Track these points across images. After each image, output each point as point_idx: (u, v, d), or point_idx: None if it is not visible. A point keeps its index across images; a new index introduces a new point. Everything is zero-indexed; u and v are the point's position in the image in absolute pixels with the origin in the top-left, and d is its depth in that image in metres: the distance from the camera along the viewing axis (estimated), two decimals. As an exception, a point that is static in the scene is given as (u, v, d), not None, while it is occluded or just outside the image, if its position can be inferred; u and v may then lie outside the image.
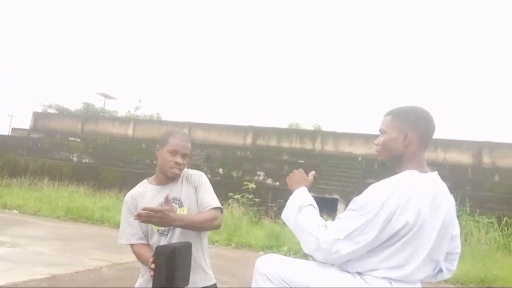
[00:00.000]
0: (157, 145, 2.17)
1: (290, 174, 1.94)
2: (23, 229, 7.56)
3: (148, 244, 2.15)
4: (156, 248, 1.96)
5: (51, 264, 5.07)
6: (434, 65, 60.35)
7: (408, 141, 1.70)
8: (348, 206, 1.66)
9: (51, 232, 7.59)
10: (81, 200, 11.00)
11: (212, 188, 2.22)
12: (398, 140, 1.72)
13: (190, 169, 2.27)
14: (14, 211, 9.82)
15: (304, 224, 1.69)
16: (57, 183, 13.42)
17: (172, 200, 2.11)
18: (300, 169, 1.95)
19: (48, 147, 17.57)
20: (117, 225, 8.87)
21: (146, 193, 2.16)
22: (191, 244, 2.01)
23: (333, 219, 1.70)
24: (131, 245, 2.16)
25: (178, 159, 2.10)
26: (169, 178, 2.16)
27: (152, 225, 2.09)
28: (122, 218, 2.21)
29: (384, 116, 1.81)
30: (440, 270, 1.75)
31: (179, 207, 2.13)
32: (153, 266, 1.89)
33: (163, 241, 2.09)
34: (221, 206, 2.15)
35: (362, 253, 1.59)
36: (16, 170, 14.85)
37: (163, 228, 2.10)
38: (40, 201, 10.63)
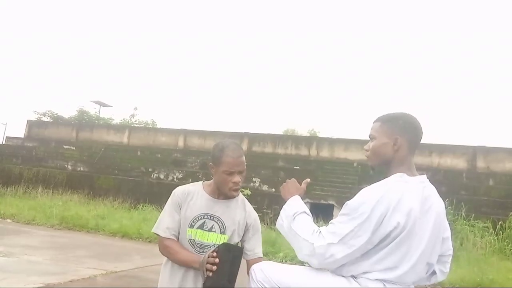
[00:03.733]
0: (210, 163, 2.10)
1: (283, 183, 1.97)
2: (17, 238, 7.50)
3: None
4: (222, 244, 1.91)
5: (45, 273, 5.03)
6: (428, 71, 60.79)
7: (397, 146, 1.75)
8: (340, 211, 1.69)
9: (45, 241, 7.52)
10: (75, 208, 10.93)
11: None
12: (388, 145, 1.77)
13: (246, 200, 2.22)
14: (8, 220, 9.73)
15: (298, 230, 1.72)
16: (51, 191, 13.35)
17: (215, 219, 2.05)
18: (293, 179, 1.99)
19: (42, 155, 17.48)
20: (112, 233, 8.87)
21: (196, 197, 2.09)
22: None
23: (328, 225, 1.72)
24: (164, 238, 2.06)
25: (236, 179, 2.03)
26: (224, 194, 2.10)
27: (188, 231, 2.04)
28: (166, 208, 2.12)
29: (373, 122, 1.86)
30: (434, 273, 1.77)
31: (219, 233, 2.04)
32: (217, 260, 1.82)
33: (191, 250, 2.03)
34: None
35: (356, 256, 1.62)
36: (10, 179, 14.75)
37: (197, 243, 2.03)
38: (34, 209, 10.55)
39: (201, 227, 2.04)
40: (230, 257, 1.84)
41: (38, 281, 4.62)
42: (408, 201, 1.62)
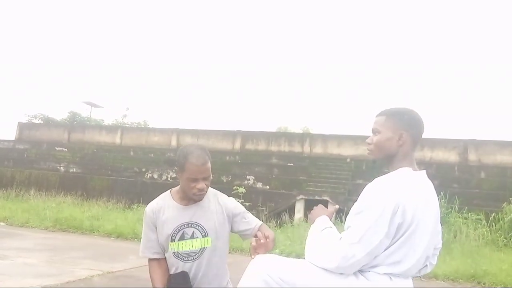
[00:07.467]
0: (175, 167, 2.14)
1: (311, 210, 2.01)
2: (11, 241, 7.44)
3: (165, 258, 2.12)
4: (171, 275, 2.00)
5: (41, 275, 5.00)
6: (418, 65, 61.22)
7: (402, 141, 1.77)
8: (352, 211, 1.69)
9: (40, 243, 7.48)
10: (69, 210, 10.86)
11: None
12: (392, 140, 1.78)
13: (219, 192, 2.22)
14: (1, 223, 9.65)
15: (322, 241, 1.72)
16: (44, 193, 13.25)
17: (193, 225, 2.07)
18: (320, 205, 2.03)
19: (34, 157, 17.35)
20: (107, 234, 8.84)
21: (167, 209, 2.10)
22: (187, 273, 2.04)
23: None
24: (149, 259, 2.13)
25: (200, 185, 2.01)
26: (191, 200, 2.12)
27: (170, 245, 2.07)
28: (143, 230, 2.17)
29: (377, 116, 1.86)
30: (425, 265, 1.79)
31: (201, 237, 2.05)
32: None
33: (181, 265, 2.08)
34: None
35: (376, 255, 1.61)
36: (2, 182, 14.64)
37: (182, 254, 2.07)
38: (28, 212, 10.47)
39: (182, 238, 2.05)
40: None
41: (34, 283, 4.59)
42: (415, 196, 1.65)
